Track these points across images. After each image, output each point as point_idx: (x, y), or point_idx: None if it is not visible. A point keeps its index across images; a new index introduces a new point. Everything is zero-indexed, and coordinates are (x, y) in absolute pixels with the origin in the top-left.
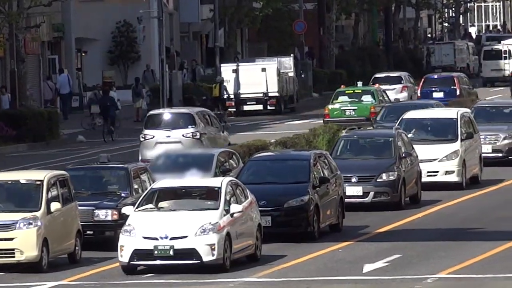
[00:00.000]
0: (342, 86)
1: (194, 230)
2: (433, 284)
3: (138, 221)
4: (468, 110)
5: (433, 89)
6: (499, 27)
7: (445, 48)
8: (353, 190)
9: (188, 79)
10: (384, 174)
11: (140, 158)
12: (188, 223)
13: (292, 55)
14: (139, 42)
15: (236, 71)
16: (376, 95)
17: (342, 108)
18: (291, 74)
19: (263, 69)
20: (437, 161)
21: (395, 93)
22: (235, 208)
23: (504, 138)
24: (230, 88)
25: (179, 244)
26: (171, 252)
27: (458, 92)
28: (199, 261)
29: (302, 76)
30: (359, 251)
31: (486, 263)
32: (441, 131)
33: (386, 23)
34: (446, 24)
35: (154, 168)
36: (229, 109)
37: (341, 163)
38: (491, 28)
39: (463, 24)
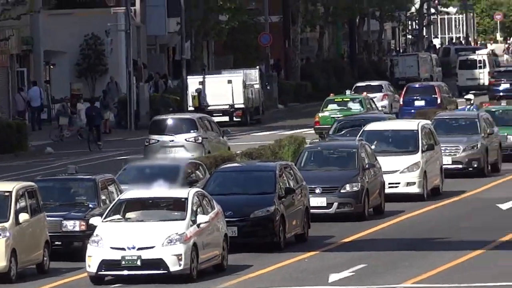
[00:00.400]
0: (331, 94)
1: (161, 240)
2: None
3: (106, 231)
4: (428, 121)
5: (415, 97)
6: (461, 39)
7: (409, 60)
8: (317, 201)
9: (151, 91)
10: (347, 185)
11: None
12: (155, 234)
13: (257, 67)
14: (106, 54)
15: (202, 83)
16: (364, 103)
17: (332, 116)
18: (256, 86)
19: (229, 81)
20: (398, 172)
21: (376, 101)
22: (201, 218)
23: (464, 150)
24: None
25: (146, 254)
26: (139, 262)
27: (439, 101)
28: (166, 271)
29: (268, 88)
30: (324, 261)
31: (451, 272)
32: (402, 143)
33: (350, 36)
34: (410, 36)
35: (121, 179)
36: None
37: (305, 174)
38: (454, 40)
39: (427, 36)
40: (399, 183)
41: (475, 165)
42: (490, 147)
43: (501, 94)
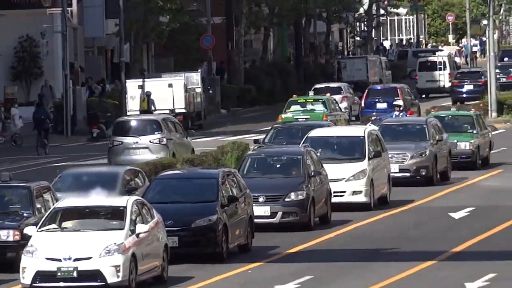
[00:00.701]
0: (293, 95)
1: (99, 251)
2: None
3: (41, 241)
4: (375, 127)
5: (377, 100)
6: (412, 41)
7: (357, 63)
8: (260, 210)
9: (87, 94)
10: (292, 194)
11: (108, 164)
12: (92, 244)
13: (199, 70)
14: (42, 57)
15: (142, 87)
16: (328, 104)
17: (295, 117)
18: (198, 90)
19: (170, 85)
20: (344, 180)
21: None
22: (141, 228)
23: (412, 157)
24: (136, 104)
25: (83, 265)
26: (75, 274)
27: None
28: (103, 283)
29: (210, 92)
30: (269, 272)
31: (401, 284)
32: (347, 150)
33: (296, 37)
34: (358, 38)
35: (57, 187)
36: None
37: (249, 182)
38: (404, 42)
39: (376, 38)
40: (344, 191)
41: (424, 173)
42: (439, 154)
43: (464, 96)
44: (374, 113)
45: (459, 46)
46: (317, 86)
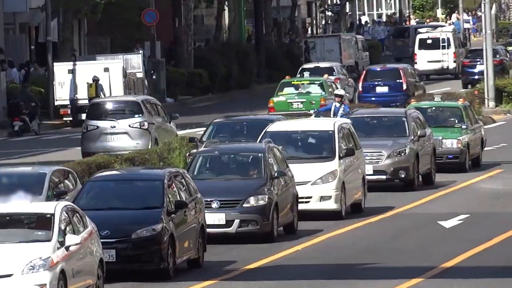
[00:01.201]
0: (287, 76)
1: (21, 267)
2: None
3: None
4: (347, 120)
5: (376, 83)
6: (394, 16)
7: (329, 43)
8: (214, 218)
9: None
10: (252, 198)
11: (82, 151)
12: (13, 259)
13: (140, 51)
14: None
15: (72, 71)
16: (325, 86)
17: (288, 101)
18: (139, 75)
19: (106, 69)
20: (310, 184)
21: None
22: (71, 239)
23: (388, 157)
24: (66, 92)
25: (2, 285)
26: None
27: (404, 86)
28: None
29: (154, 77)
30: None
31: None
32: (314, 147)
33: (256, 13)
34: (330, 13)
35: None
36: (64, 118)
37: (200, 185)
38: (384, 18)
39: (350, 13)
40: (310, 197)
41: (403, 176)
42: (421, 153)
43: (477, 77)
44: (373, 99)
45: (447, 23)
46: (305, 66)
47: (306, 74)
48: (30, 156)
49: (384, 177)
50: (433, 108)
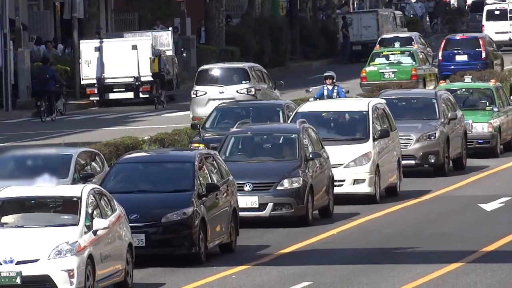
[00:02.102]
0: (377, 47)
1: (47, 252)
2: None
3: None
4: (382, 101)
5: (456, 51)
6: None
7: (366, 19)
8: (246, 201)
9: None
10: (286, 181)
11: (191, 116)
12: (39, 243)
13: (170, 28)
14: None
15: (99, 49)
16: (416, 56)
17: (380, 71)
18: (169, 53)
19: (134, 47)
20: (343, 166)
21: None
22: (99, 223)
23: (417, 140)
24: (92, 70)
25: (28, 270)
26: (18, 280)
27: (483, 55)
28: None
29: (184, 55)
30: (258, 278)
31: None
32: (347, 129)
33: None
34: None
35: None
36: (91, 98)
37: (232, 167)
38: None
39: None
40: (343, 180)
41: (432, 160)
42: (452, 136)
43: None
44: (452, 67)
45: None
46: (385, 36)
47: (397, 44)
48: (55, 137)
49: (413, 162)
50: (463, 89)
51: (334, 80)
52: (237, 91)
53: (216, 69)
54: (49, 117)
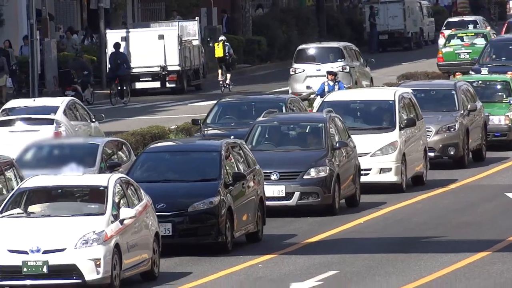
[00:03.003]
0: (453, 29)
1: (74, 241)
2: None
3: (2, 230)
4: (409, 90)
5: None
6: None
7: (392, 8)
8: (273, 190)
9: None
10: (312, 170)
11: (290, 91)
12: (66, 233)
13: (197, 18)
14: (2, 3)
15: (125, 39)
16: (489, 37)
17: (456, 52)
18: (196, 43)
19: (161, 36)
20: (369, 155)
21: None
22: (125, 213)
23: (437, 133)
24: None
25: (54, 259)
26: (45, 269)
27: None
28: (80, 280)
29: (210, 44)
30: (284, 267)
31: (446, 281)
32: (374, 117)
33: None
34: None
35: (22, 163)
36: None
37: (258, 156)
38: None
39: None
40: (370, 169)
41: (452, 153)
42: (472, 128)
43: None
44: None
45: None
46: (450, 20)
47: (471, 26)
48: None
49: (432, 154)
50: (480, 81)
51: (336, 76)
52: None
53: (313, 48)
54: (122, 101)
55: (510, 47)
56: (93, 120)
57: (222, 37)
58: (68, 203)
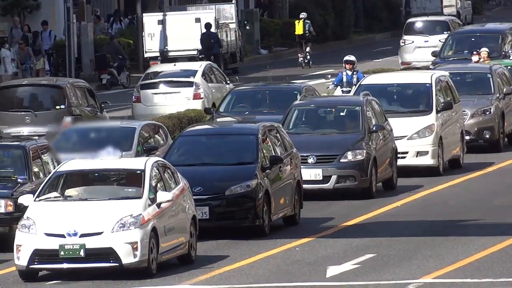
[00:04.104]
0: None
1: (111, 224)
2: None
3: (40, 213)
4: (445, 73)
5: None
6: None
7: None
8: (310, 174)
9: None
10: (349, 153)
11: (400, 61)
12: (103, 216)
13: (234, 1)
14: None
15: (162, 22)
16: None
17: None
18: (233, 26)
19: (197, 20)
20: (406, 139)
21: None
22: (162, 196)
23: (472, 116)
24: (155, 43)
25: (91, 243)
26: (82, 253)
27: None
28: (117, 264)
29: (247, 28)
30: (321, 250)
31: (483, 264)
32: (410, 101)
33: None
34: None
35: (59, 146)
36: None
37: (295, 139)
38: None
39: None
40: (407, 152)
41: (487, 136)
42: (507, 111)
43: None
44: None
45: None
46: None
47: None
48: (119, 110)
49: (467, 137)
50: (509, 67)
51: (354, 65)
52: (439, 40)
53: (421, 21)
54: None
55: (473, 39)
56: (228, 82)
57: (303, 15)
58: (105, 186)
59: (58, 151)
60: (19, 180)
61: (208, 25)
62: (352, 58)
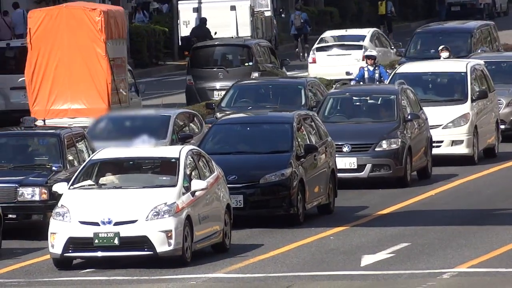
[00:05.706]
0: None
1: (145, 213)
2: (451, 280)
3: (74, 201)
4: (481, 62)
5: None
6: None
7: None
8: (345, 162)
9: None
10: (384, 142)
11: None
12: (137, 204)
13: None
14: None
15: (197, 10)
16: None
17: None
18: (268, 14)
19: (233, 7)
20: (441, 128)
21: None
22: (197, 184)
23: (508, 105)
24: (189, 31)
25: (126, 231)
26: (116, 241)
27: None
28: (151, 252)
29: (282, 16)
30: (356, 239)
31: None
32: (445, 89)
33: None
34: None
35: (93, 134)
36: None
37: (330, 128)
38: None
39: None
40: (441, 141)
41: None
42: None
43: None
44: None
45: None
46: None
47: None
48: (154, 98)
49: (502, 126)
50: None
51: (376, 60)
52: None
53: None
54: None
55: (440, 37)
56: (392, 48)
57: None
58: (139, 175)
59: (93, 139)
60: (53, 168)
61: (203, 20)
62: (373, 53)
